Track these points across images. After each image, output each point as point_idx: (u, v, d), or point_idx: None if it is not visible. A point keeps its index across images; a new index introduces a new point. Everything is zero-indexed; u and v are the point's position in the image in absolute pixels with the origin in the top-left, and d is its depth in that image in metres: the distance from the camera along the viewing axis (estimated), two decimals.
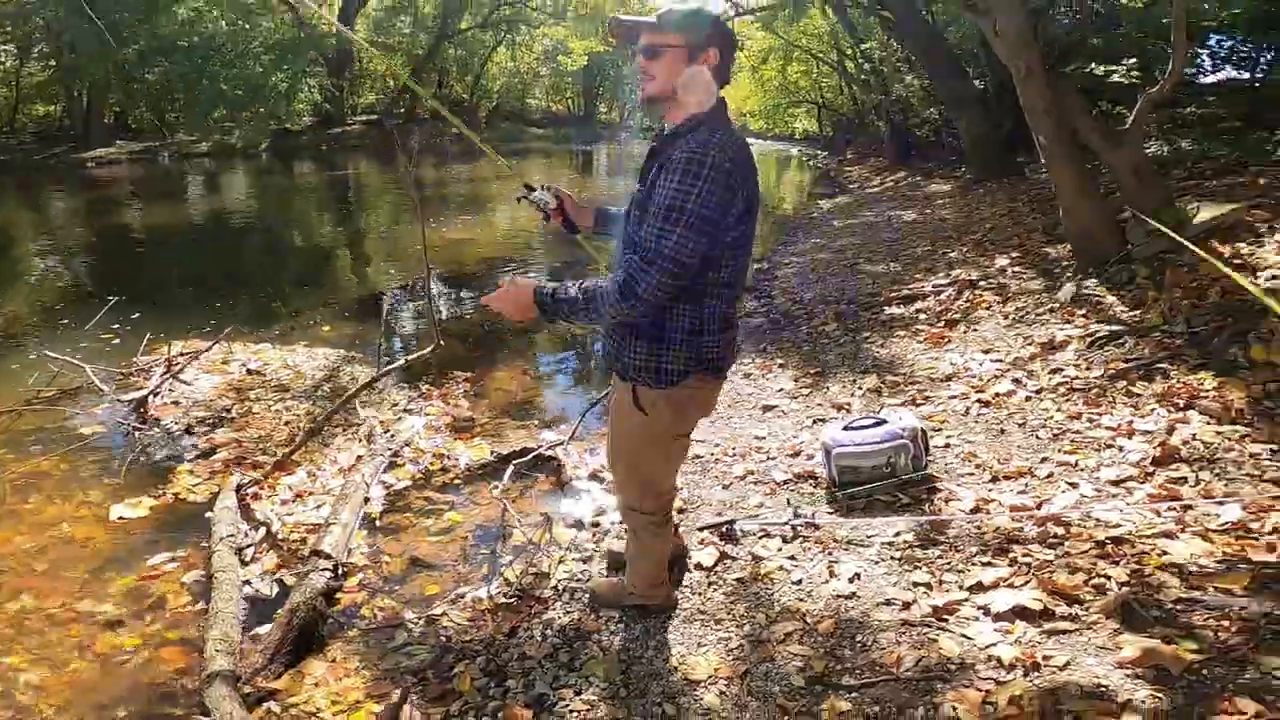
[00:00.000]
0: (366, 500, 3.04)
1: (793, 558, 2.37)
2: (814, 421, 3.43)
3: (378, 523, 2.96)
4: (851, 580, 2.20)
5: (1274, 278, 3.43)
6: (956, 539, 2.34)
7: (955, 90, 9.93)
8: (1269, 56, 7.26)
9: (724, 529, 2.50)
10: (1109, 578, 2.01)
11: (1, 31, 17.97)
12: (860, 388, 3.77)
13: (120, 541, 2.85)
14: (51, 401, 3.95)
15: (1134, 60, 6.22)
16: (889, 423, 2.71)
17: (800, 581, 2.24)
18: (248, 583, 2.57)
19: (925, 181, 11.65)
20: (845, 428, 2.74)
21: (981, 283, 4.91)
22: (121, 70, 18.56)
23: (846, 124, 22.17)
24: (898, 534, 2.40)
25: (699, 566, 2.35)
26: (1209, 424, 2.66)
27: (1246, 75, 7.54)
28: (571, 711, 1.87)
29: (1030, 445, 2.91)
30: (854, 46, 16.17)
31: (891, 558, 2.29)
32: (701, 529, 2.51)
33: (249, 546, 2.77)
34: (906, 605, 2.06)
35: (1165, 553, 2.06)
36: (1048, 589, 2.00)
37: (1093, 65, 6.27)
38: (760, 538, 2.49)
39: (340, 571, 2.57)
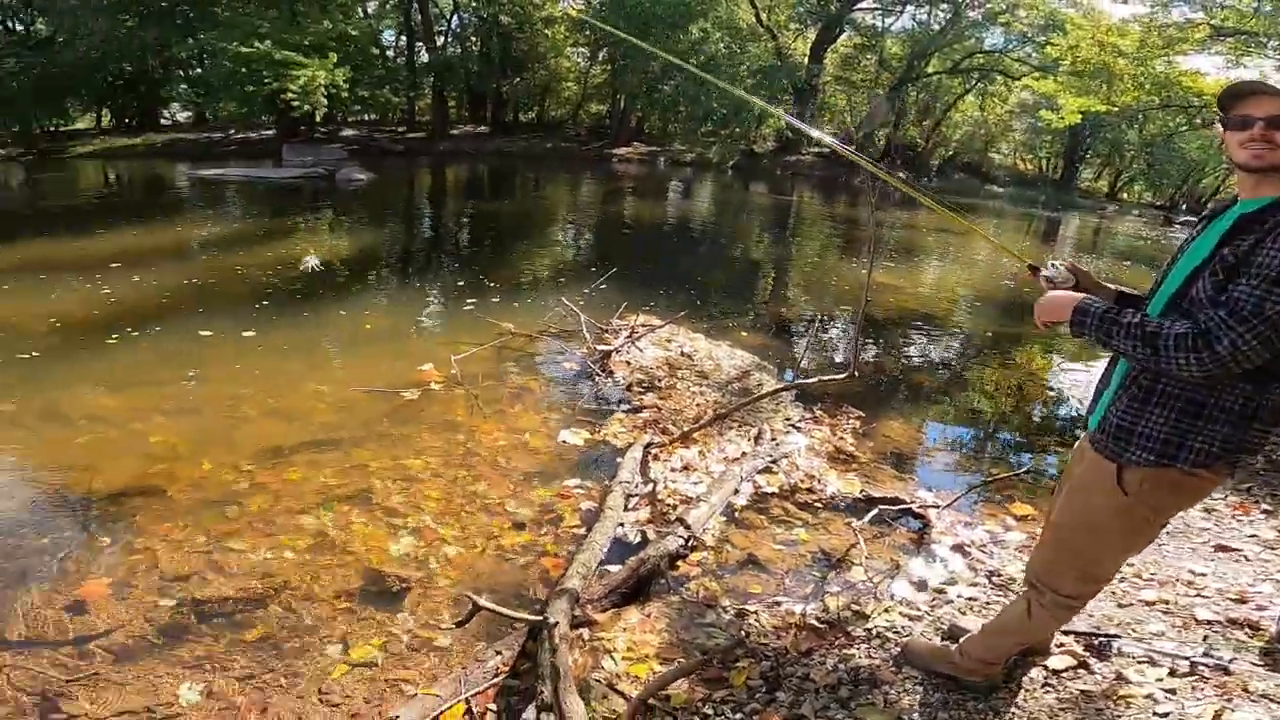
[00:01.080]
0: (736, 492, 3.32)
1: (1172, 691, 1.94)
2: None
3: (736, 514, 3.21)
4: None
5: None
6: None
7: None
8: None
9: (1097, 641, 2.17)
10: None
11: (583, 36, 23.78)
12: None
13: (556, 460, 3.63)
14: (554, 336, 5.31)
15: None
16: None
17: (1167, 715, 1.85)
18: (621, 525, 3.01)
19: None
20: None
21: None
22: (649, 80, 22.79)
23: None
24: None
25: (1044, 666, 2.08)
26: None
27: None
28: None
29: None
30: None
31: None
32: (1068, 633, 2.20)
33: (635, 496, 3.25)
34: None
35: None
36: None
37: None
38: (1141, 663, 2.08)
39: (690, 544, 2.85)
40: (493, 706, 2.13)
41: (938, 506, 3.30)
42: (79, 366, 4.88)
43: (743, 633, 2.40)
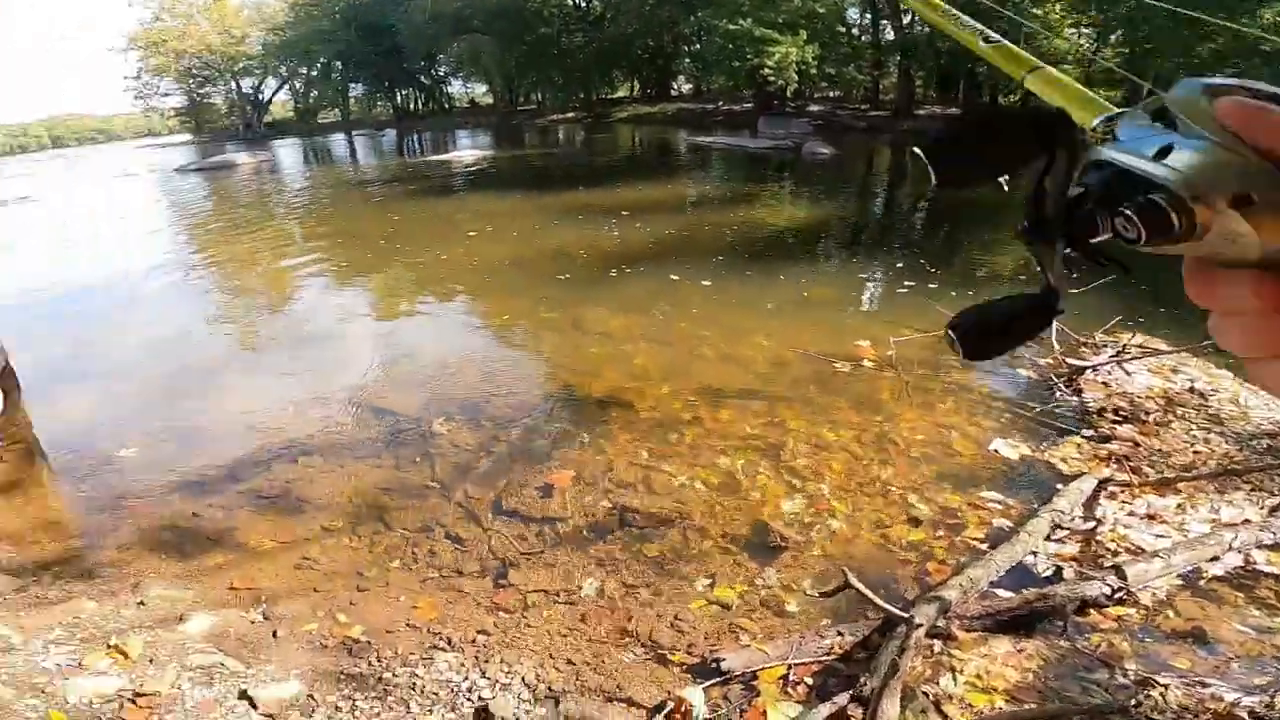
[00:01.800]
0: (1214, 559, 2.64)
1: None
2: None
3: (1200, 581, 2.55)
4: None
5: None
6: None
7: None
8: None
9: None
10: None
11: (1085, 16, 19.66)
12: None
13: (978, 467, 3.27)
14: None
15: None
16: None
17: None
18: (1034, 553, 2.65)
19: None
20: None
21: None
22: (1191, 68, 17.81)
23: None
24: None
25: None
26: None
27: None
28: None
29: None
30: None
31: None
32: None
33: (1064, 528, 2.81)
34: None
35: None
36: None
37: None
38: None
39: (1116, 595, 2.43)
40: (810, 680, 2.15)
41: None
42: (593, 291, 6.33)
43: (1132, 701, 1.96)
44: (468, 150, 22.53)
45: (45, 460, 3.97)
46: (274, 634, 2.49)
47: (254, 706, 2.12)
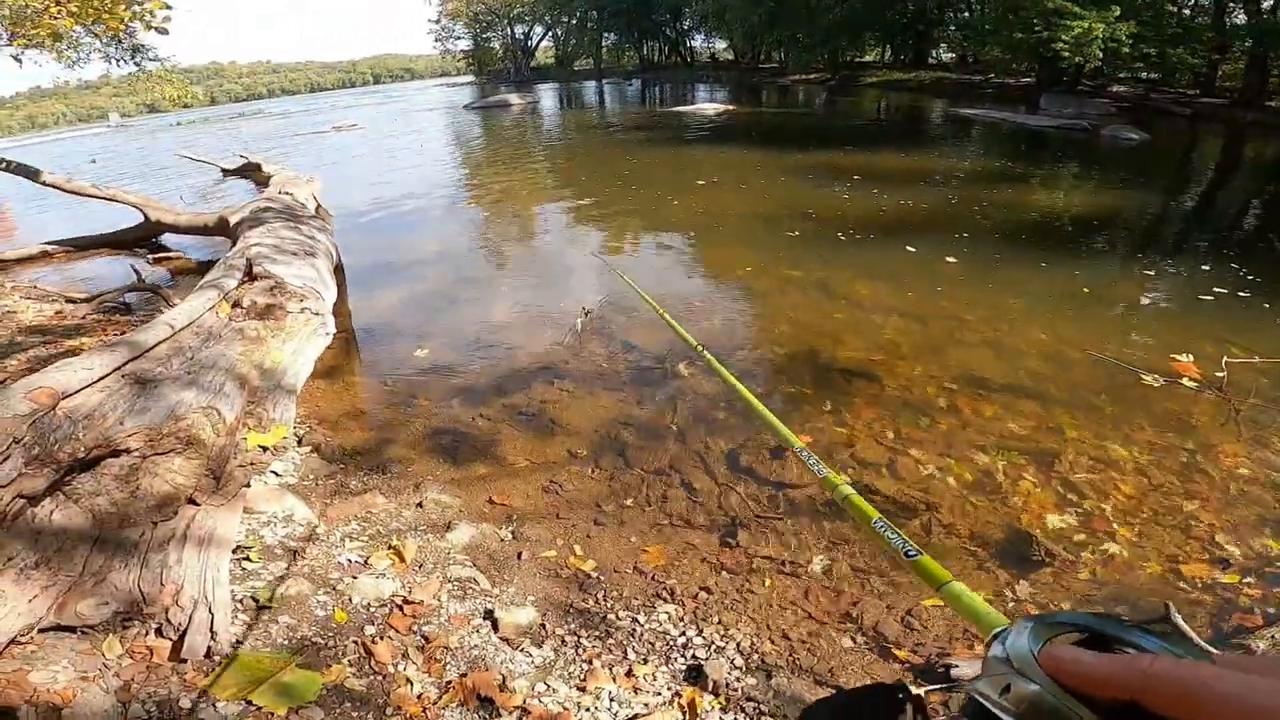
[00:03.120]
0: None
1: None
2: None
3: None
4: None
5: None
6: None
7: None
8: None
9: None
10: None
11: None
12: None
13: None
14: None
15: None
16: None
17: None
18: None
19: None
20: None
21: None
22: None
23: None
24: None
25: None
26: None
27: None
28: None
29: None
30: None
31: None
32: None
33: None
34: None
35: None
36: None
37: None
38: None
39: None
40: None
41: None
42: (823, 252, 6.07)
43: None
44: (706, 104, 22.64)
45: (358, 350, 4.67)
46: (519, 555, 2.57)
47: (495, 629, 2.14)
